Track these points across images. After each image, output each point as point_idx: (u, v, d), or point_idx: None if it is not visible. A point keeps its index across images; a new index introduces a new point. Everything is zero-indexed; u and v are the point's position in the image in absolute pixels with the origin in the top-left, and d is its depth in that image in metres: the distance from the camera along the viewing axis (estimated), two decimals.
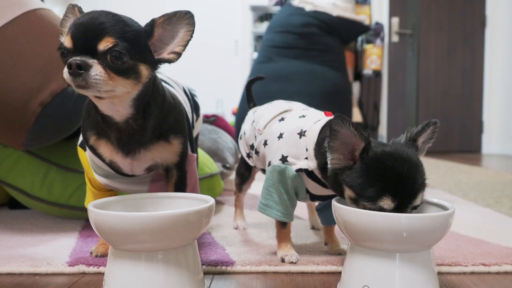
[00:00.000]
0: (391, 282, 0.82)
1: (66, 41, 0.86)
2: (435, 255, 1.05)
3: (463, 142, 5.73)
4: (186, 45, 0.93)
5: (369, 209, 0.85)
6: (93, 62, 0.83)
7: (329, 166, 0.92)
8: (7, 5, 1.30)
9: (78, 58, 0.83)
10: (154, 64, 0.93)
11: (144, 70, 0.90)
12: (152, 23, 0.91)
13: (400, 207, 0.84)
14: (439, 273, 1.03)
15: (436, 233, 0.82)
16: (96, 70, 0.83)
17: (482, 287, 0.97)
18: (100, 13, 0.88)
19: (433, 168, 3.62)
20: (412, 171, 0.85)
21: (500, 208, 1.87)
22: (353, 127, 0.86)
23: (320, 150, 1.02)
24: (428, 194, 0.91)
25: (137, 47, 0.88)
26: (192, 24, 0.92)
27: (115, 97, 0.89)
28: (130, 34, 0.87)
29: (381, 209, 0.84)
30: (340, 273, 0.99)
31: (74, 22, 0.88)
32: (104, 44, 0.84)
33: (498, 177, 3.02)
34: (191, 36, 0.92)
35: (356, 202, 0.88)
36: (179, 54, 0.94)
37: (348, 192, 0.90)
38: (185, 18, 0.91)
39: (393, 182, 0.84)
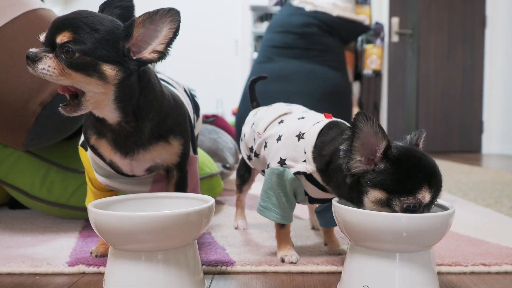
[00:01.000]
0: (391, 282, 0.82)
1: (42, 35, 0.88)
2: (435, 255, 1.05)
3: (463, 142, 5.74)
4: (169, 43, 0.89)
5: (407, 206, 0.83)
6: (45, 55, 0.84)
7: (351, 171, 0.87)
8: (7, 5, 1.30)
9: (33, 50, 0.84)
10: (128, 64, 0.89)
11: (108, 70, 0.87)
12: (131, 23, 0.88)
13: (431, 200, 0.85)
14: (439, 273, 1.03)
15: (436, 233, 0.82)
16: (45, 64, 0.84)
17: (482, 287, 0.97)
18: (79, 11, 0.88)
19: None
20: (437, 167, 0.88)
21: (500, 208, 1.87)
22: (376, 125, 0.83)
23: (320, 153, 1.01)
24: None
25: (102, 46, 0.85)
26: (176, 21, 0.87)
27: (90, 98, 0.90)
28: (96, 33, 0.85)
29: (419, 203, 0.83)
30: (340, 273, 0.99)
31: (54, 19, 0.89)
32: (60, 38, 0.84)
33: (498, 177, 3.02)
34: (175, 34, 0.88)
35: (388, 202, 0.84)
36: (161, 53, 0.89)
37: (374, 194, 0.85)
38: (168, 16, 0.87)
39: (429, 173, 0.85)
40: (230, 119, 5.83)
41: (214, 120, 2.77)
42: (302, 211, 1.71)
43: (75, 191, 1.49)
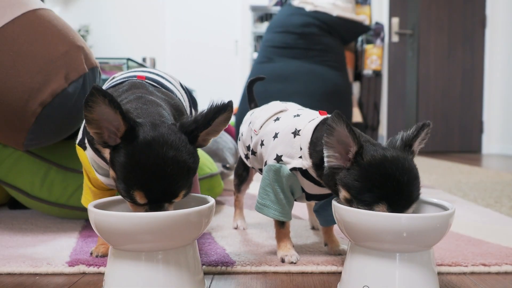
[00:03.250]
0: (391, 282, 0.82)
1: (141, 199, 0.83)
2: (435, 255, 1.05)
3: (463, 142, 5.74)
4: (221, 130, 0.92)
5: None
6: (167, 208, 0.86)
7: (325, 163, 0.92)
8: (7, 5, 1.30)
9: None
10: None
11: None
12: (196, 138, 0.88)
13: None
14: (439, 273, 1.03)
15: (436, 233, 0.82)
16: (169, 209, 0.87)
17: (482, 287, 0.97)
18: (170, 169, 0.81)
19: (433, 168, 3.62)
20: (411, 183, 0.85)
21: (500, 208, 1.87)
22: (347, 128, 0.86)
23: (315, 149, 1.02)
24: (428, 194, 0.91)
25: (196, 171, 0.89)
26: (229, 115, 0.89)
27: None
28: (193, 174, 0.87)
29: None
30: (340, 273, 0.99)
31: (146, 180, 0.81)
32: (179, 198, 0.87)
33: (498, 177, 3.02)
34: (227, 125, 0.91)
35: (351, 203, 0.88)
36: (210, 140, 0.93)
37: (343, 193, 0.90)
38: (224, 112, 0.88)
39: (391, 191, 0.84)
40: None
41: None
42: (302, 211, 1.71)
43: (75, 191, 1.49)
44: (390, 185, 0.84)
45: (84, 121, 1.07)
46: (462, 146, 5.73)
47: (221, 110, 0.87)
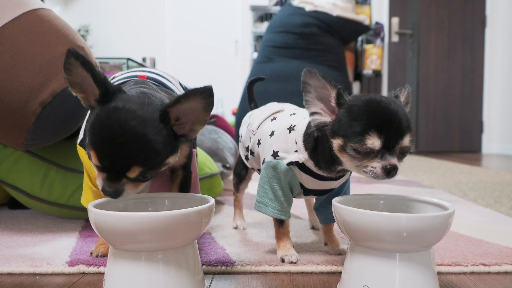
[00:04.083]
0: (391, 282, 0.82)
1: (94, 159, 0.84)
2: (435, 255, 1.05)
3: (463, 142, 5.74)
4: (206, 122, 0.90)
5: (356, 150, 0.86)
6: (124, 184, 0.86)
7: (312, 124, 0.93)
8: (7, 5, 1.30)
9: (110, 189, 0.85)
10: (180, 141, 0.90)
11: (172, 159, 0.89)
12: (166, 115, 0.85)
13: (388, 146, 0.86)
14: (439, 273, 1.03)
15: (436, 233, 0.82)
16: (128, 189, 0.87)
17: (482, 287, 0.98)
18: (124, 135, 0.81)
19: (433, 168, 3.62)
20: (399, 112, 0.86)
21: (500, 208, 1.87)
22: (321, 77, 0.89)
23: (308, 132, 1.03)
24: (428, 194, 0.91)
25: (161, 155, 0.86)
26: (209, 102, 0.86)
27: None
28: (158, 155, 0.85)
29: (370, 150, 0.85)
30: (340, 273, 0.99)
31: (98, 141, 0.82)
32: (132, 174, 0.85)
33: (498, 177, 3.02)
34: (209, 114, 0.89)
35: (344, 148, 0.89)
36: (198, 131, 0.92)
37: (335, 142, 0.90)
38: (201, 97, 0.85)
39: (378, 117, 0.85)
40: (230, 119, 5.84)
41: (215, 121, 2.77)
42: (301, 211, 1.71)
43: (75, 191, 1.49)
44: (378, 113, 0.85)
45: (85, 120, 1.07)
46: (462, 146, 5.74)
47: (194, 92, 0.84)
